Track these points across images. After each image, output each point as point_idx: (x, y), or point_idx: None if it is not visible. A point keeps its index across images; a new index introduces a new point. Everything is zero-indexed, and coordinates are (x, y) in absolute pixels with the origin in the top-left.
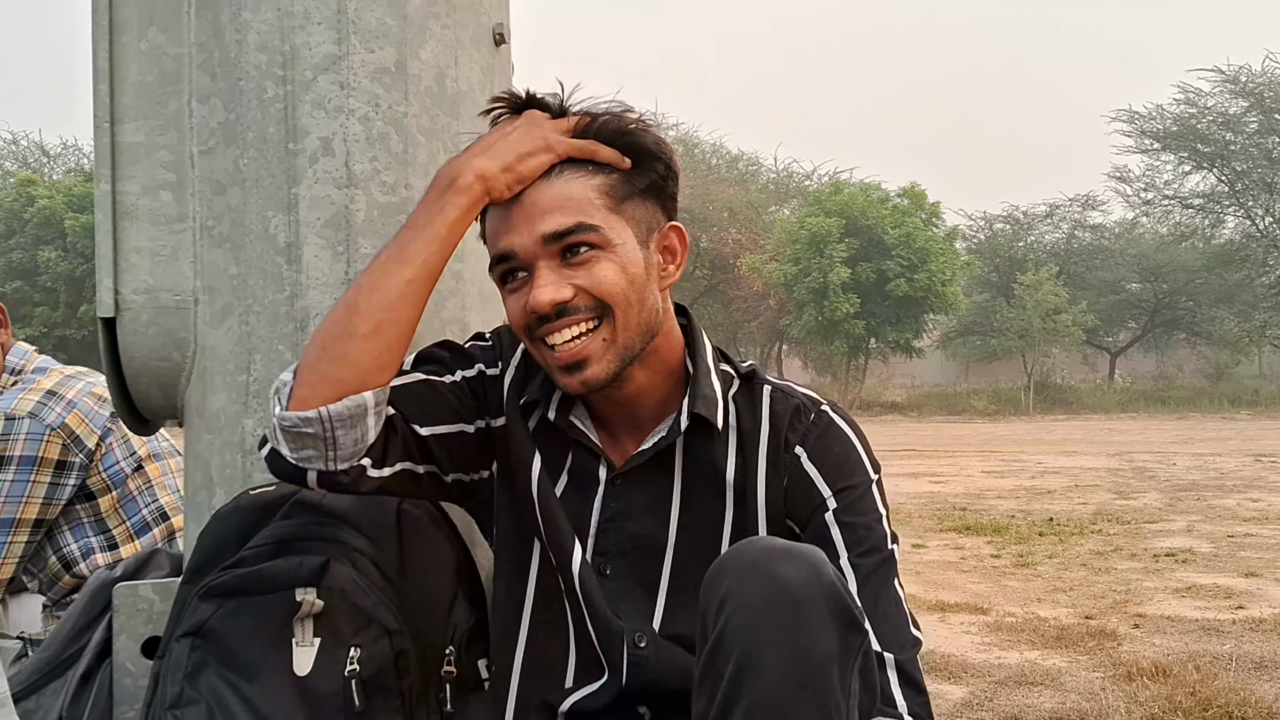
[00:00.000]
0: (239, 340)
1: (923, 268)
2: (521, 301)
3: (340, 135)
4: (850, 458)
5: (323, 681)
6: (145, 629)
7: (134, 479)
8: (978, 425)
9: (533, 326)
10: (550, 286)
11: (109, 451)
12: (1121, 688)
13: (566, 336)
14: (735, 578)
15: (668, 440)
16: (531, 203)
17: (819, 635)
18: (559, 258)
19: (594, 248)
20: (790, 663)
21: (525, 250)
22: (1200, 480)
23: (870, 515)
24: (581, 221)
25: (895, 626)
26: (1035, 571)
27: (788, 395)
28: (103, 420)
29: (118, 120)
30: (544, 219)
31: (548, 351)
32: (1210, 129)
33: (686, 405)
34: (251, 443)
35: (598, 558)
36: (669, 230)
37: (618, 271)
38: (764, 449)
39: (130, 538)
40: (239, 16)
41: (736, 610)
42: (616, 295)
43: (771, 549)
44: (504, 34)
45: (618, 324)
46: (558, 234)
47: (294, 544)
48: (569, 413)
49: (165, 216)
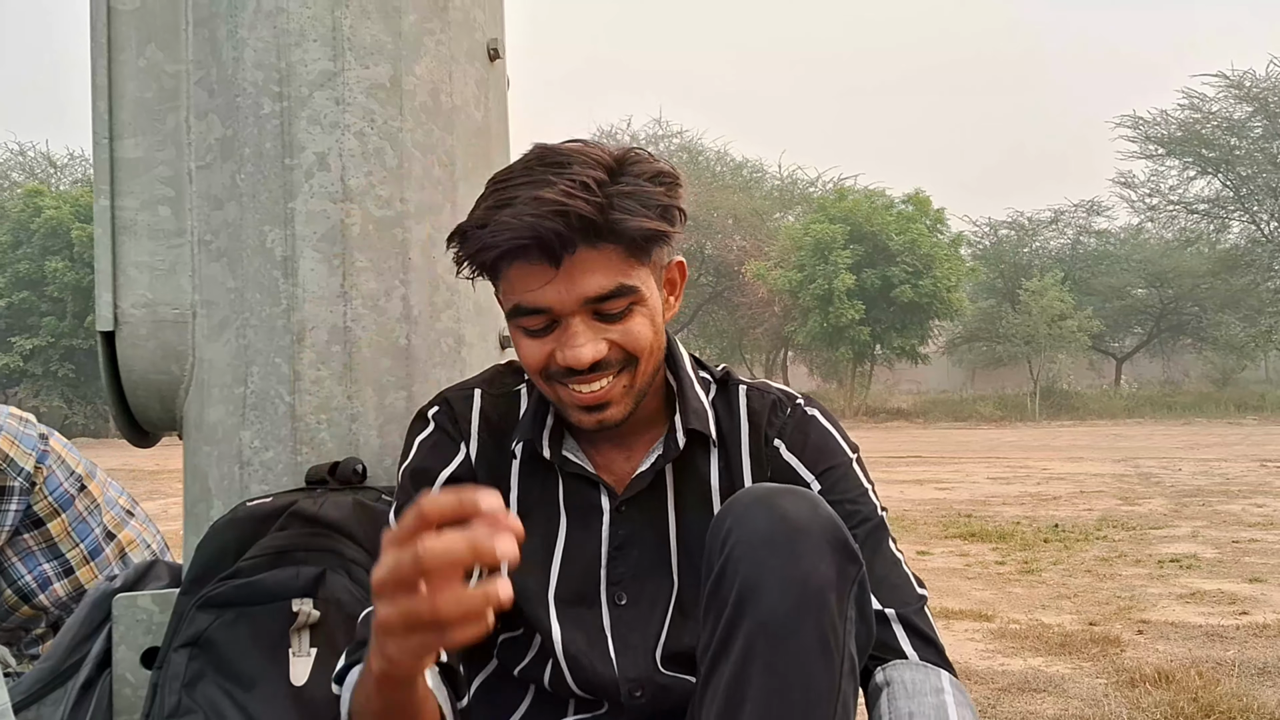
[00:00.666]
0: (236, 353)
1: (928, 274)
2: (548, 350)
3: (336, 150)
4: (827, 442)
5: (319, 691)
6: (144, 639)
7: (80, 499)
8: (983, 431)
9: (555, 373)
10: (590, 345)
11: (50, 474)
12: (1124, 694)
13: (594, 387)
14: (738, 513)
15: (665, 460)
16: (570, 266)
17: (818, 561)
18: (593, 314)
19: (632, 305)
20: (790, 587)
21: (563, 308)
22: (1206, 486)
23: (855, 490)
24: (622, 284)
25: (893, 585)
26: (1040, 578)
27: (763, 393)
28: (33, 441)
29: (116, 136)
30: (585, 281)
31: (569, 392)
32: (1215, 134)
33: (680, 422)
34: (248, 454)
35: (612, 587)
36: (672, 265)
37: (647, 325)
38: (746, 448)
39: (85, 560)
40: (236, 34)
41: (739, 541)
42: (644, 348)
43: (773, 488)
44: (499, 49)
45: (639, 371)
46: (601, 296)
47: (291, 555)
48: (560, 448)
49: (163, 231)
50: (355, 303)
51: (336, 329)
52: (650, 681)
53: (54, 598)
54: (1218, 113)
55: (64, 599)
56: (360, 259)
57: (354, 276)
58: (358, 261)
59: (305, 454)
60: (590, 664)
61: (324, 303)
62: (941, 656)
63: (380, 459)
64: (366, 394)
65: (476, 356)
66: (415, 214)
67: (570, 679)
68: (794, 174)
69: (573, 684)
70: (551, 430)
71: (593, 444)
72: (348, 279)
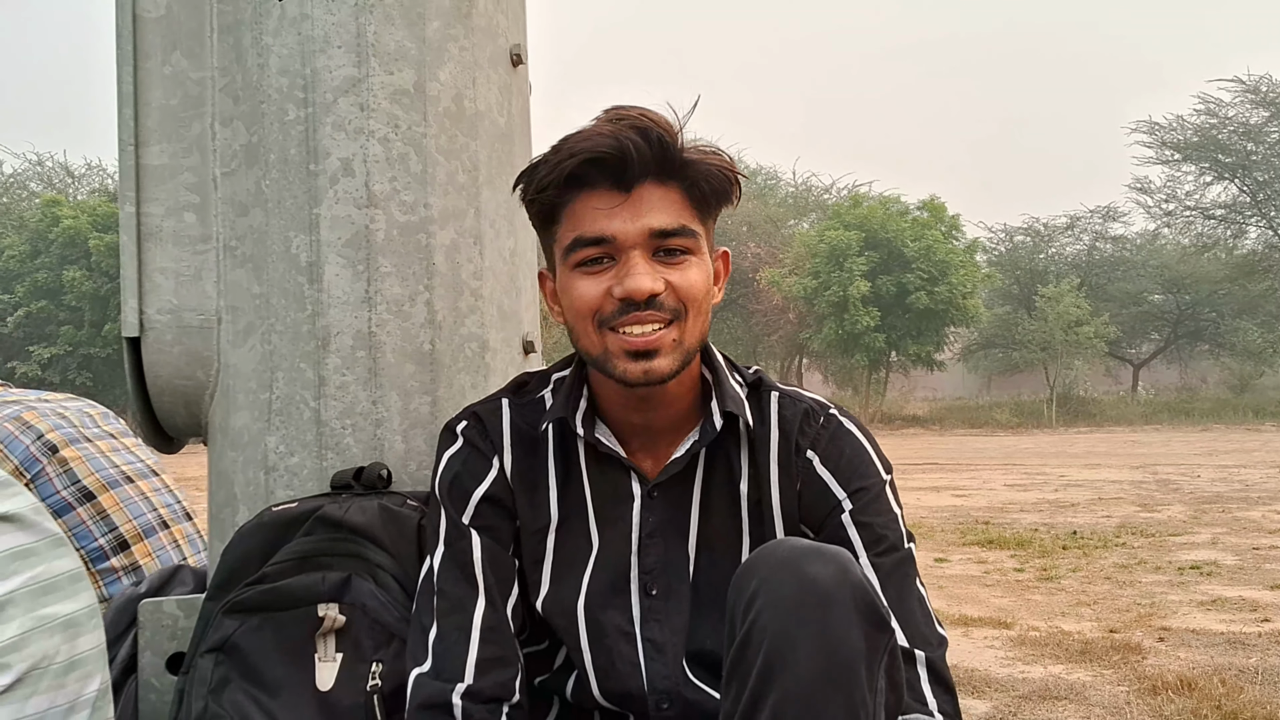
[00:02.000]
0: (261, 359)
1: (943, 280)
2: (604, 285)
3: (360, 156)
4: (862, 459)
5: (345, 696)
6: (170, 645)
7: (84, 509)
8: (1000, 438)
9: (608, 315)
10: (649, 276)
11: (45, 482)
12: (1146, 702)
13: (647, 329)
14: (764, 575)
15: (701, 444)
16: (639, 196)
17: (847, 632)
18: (652, 253)
19: (688, 253)
20: (819, 659)
21: (626, 238)
22: (1225, 492)
23: (886, 515)
24: (685, 225)
25: (921, 624)
26: (1059, 585)
27: (795, 400)
28: (23, 447)
29: (142, 143)
30: (653, 213)
31: (617, 338)
32: (1231, 139)
33: (716, 405)
34: (274, 460)
35: (644, 576)
36: (719, 254)
37: (702, 278)
38: (775, 455)
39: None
40: (260, 41)
41: (766, 606)
42: (696, 298)
43: (800, 548)
44: (521, 54)
45: (687, 326)
46: (665, 231)
47: (316, 560)
48: (593, 430)
49: (189, 237)
50: (380, 308)
51: (361, 334)
52: (678, 695)
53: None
54: (1234, 118)
55: None
56: (384, 264)
57: (378, 282)
58: (382, 267)
59: (330, 459)
60: (618, 675)
61: (348, 308)
62: (957, 707)
63: (405, 464)
64: (391, 399)
65: (500, 362)
66: (439, 219)
67: (597, 690)
68: (808, 181)
69: (599, 695)
70: (584, 413)
71: (624, 437)
72: (372, 284)
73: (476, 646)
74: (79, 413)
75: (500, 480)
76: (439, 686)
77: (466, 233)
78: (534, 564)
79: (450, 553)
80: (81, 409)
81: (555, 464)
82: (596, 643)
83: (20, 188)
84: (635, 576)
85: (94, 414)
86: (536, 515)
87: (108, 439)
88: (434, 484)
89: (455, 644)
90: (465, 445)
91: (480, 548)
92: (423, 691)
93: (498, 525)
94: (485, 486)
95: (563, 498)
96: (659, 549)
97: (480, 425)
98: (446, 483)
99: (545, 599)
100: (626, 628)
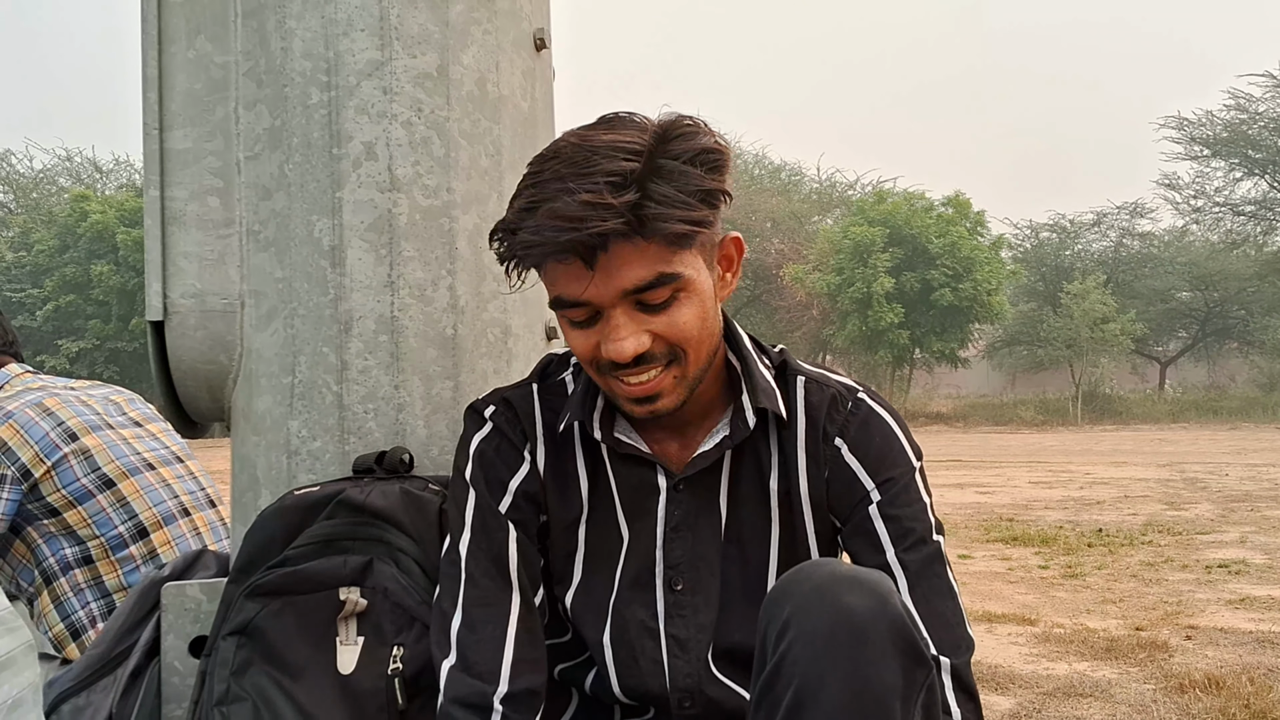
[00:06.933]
0: (284, 343)
1: (968, 277)
2: (594, 341)
3: (383, 140)
4: (892, 446)
5: (366, 680)
6: (193, 628)
7: (104, 496)
8: (1024, 436)
9: (604, 365)
10: (631, 339)
11: (66, 469)
12: (1174, 700)
13: (644, 377)
14: (798, 603)
15: (732, 441)
16: (608, 261)
17: (882, 668)
18: (635, 305)
19: (674, 292)
20: (851, 695)
21: (602, 300)
22: (1254, 491)
23: (915, 505)
24: (661, 272)
25: (950, 627)
26: (1084, 582)
27: (822, 385)
28: (42, 433)
29: (166, 127)
30: (622, 274)
31: (618, 383)
32: (1262, 135)
33: (748, 400)
34: (296, 444)
35: (669, 570)
36: (727, 241)
37: (694, 313)
38: (802, 442)
39: (105, 553)
40: (284, 24)
41: (798, 637)
42: (691, 338)
43: (837, 575)
44: (545, 39)
45: (688, 361)
46: (639, 288)
47: (338, 544)
48: (613, 430)
49: (212, 221)
50: (402, 292)
51: (384, 319)
52: (700, 693)
53: (73, 583)
54: (1264, 113)
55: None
56: (407, 249)
57: (401, 266)
58: (405, 251)
59: (352, 443)
60: (640, 672)
61: (371, 292)
62: (980, 713)
63: (427, 448)
64: (413, 384)
65: (523, 347)
66: (462, 204)
67: (617, 686)
68: (833, 177)
69: (619, 692)
70: (602, 412)
71: (645, 427)
72: (395, 269)
73: (512, 648)
74: (104, 400)
75: (533, 473)
76: (476, 686)
77: (489, 217)
78: (565, 557)
79: (483, 540)
80: (107, 396)
81: (583, 455)
82: (619, 638)
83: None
84: (660, 571)
85: (120, 400)
86: (568, 507)
87: (132, 426)
88: (461, 465)
89: (489, 641)
90: (495, 431)
91: (515, 541)
92: (458, 688)
93: (529, 520)
94: (521, 478)
95: (592, 489)
96: (685, 542)
97: (511, 412)
98: (478, 467)
99: (576, 592)
100: (650, 623)
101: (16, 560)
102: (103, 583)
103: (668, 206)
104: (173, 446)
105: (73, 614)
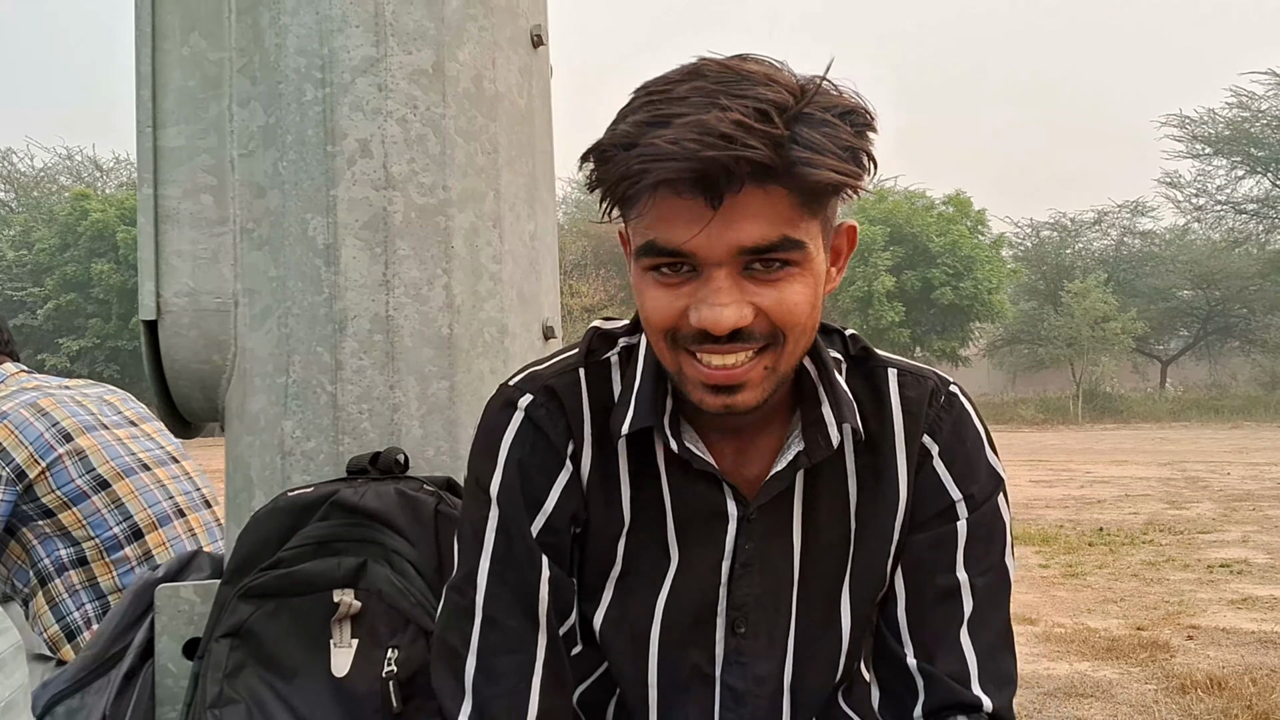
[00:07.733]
0: (278, 342)
1: (969, 276)
2: (680, 306)
3: (378, 137)
4: (980, 456)
5: (360, 683)
6: (186, 630)
7: (99, 497)
8: (1025, 434)
9: (685, 336)
10: (733, 306)
11: (61, 470)
12: (1175, 700)
13: (729, 360)
14: None
15: (811, 458)
16: (732, 205)
17: None
18: (744, 269)
19: (789, 264)
20: None
21: (710, 255)
22: (1256, 490)
23: (995, 524)
24: (786, 235)
25: (1000, 664)
26: (1085, 582)
27: (919, 378)
28: (37, 434)
29: (160, 125)
30: (747, 225)
31: (694, 365)
32: (1264, 133)
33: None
34: (290, 444)
35: (732, 612)
36: (843, 229)
37: (806, 295)
38: (901, 449)
39: (100, 554)
40: (278, 21)
41: None
42: (797, 322)
43: None
44: (542, 35)
45: (784, 352)
46: (760, 248)
47: (332, 545)
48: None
49: (206, 220)
50: (397, 291)
51: (379, 318)
52: None
53: (69, 584)
54: (1267, 110)
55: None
56: (402, 247)
57: (396, 265)
58: (400, 250)
59: (347, 444)
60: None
61: (366, 291)
62: None
63: (422, 449)
64: (409, 384)
65: (520, 347)
66: (458, 201)
67: None
68: None
69: None
70: (672, 414)
71: (706, 430)
72: (390, 267)
73: (538, 700)
74: (99, 400)
75: (575, 481)
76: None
77: (486, 216)
78: (599, 573)
79: (508, 574)
80: (102, 395)
81: (627, 456)
82: (669, 682)
83: (50, 181)
84: (723, 610)
85: (115, 400)
86: (611, 519)
87: (127, 426)
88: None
89: (510, 694)
90: (532, 430)
91: (548, 580)
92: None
93: (562, 542)
94: (560, 489)
95: (634, 498)
96: (754, 580)
97: (555, 405)
98: (510, 478)
99: (607, 615)
100: (706, 669)
101: (11, 561)
102: (98, 584)
103: (817, 153)
104: (168, 446)
105: (68, 615)
